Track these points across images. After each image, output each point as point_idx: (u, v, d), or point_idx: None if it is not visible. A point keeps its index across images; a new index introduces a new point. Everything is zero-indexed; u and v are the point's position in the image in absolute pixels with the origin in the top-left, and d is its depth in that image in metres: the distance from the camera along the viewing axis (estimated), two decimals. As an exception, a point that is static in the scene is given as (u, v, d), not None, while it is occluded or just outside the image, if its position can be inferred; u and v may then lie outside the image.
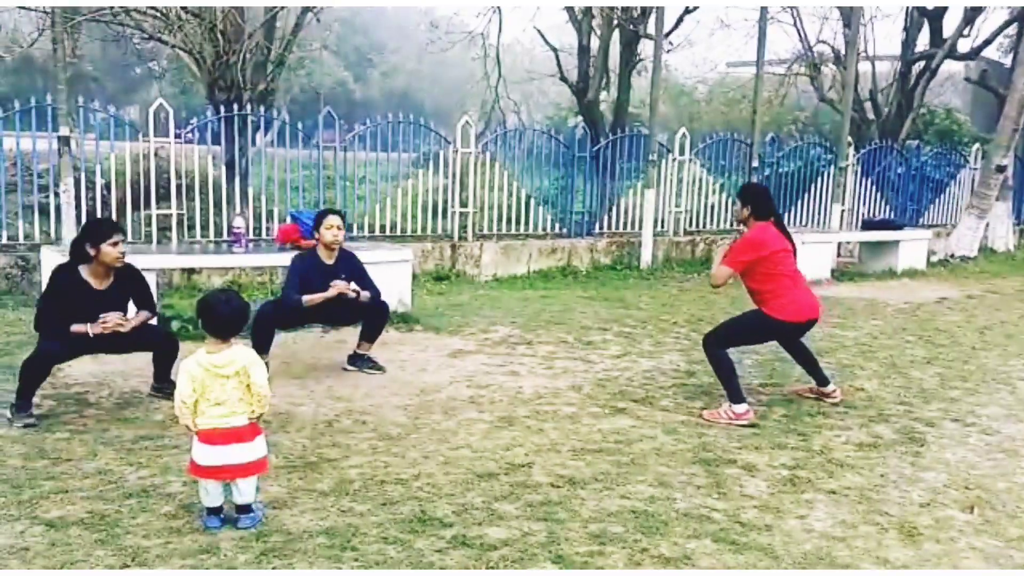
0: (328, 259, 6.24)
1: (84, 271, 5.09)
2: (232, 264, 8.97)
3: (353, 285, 6.09)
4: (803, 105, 23.18)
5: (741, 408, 5.24)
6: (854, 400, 5.95)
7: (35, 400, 5.04)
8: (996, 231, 16.34)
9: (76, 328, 4.96)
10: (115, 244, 5.04)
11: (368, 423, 5.13)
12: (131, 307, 5.42)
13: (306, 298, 5.98)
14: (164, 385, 5.43)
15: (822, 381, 5.79)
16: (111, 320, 5.03)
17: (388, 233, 11.20)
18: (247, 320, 3.83)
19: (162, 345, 5.45)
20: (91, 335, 4.97)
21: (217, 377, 3.61)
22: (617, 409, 5.58)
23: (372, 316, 6.32)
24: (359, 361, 6.42)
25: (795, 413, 5.57)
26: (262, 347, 5.93)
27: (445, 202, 11.70)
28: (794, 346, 5.78)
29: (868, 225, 13.75)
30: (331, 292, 5.99)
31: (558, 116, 26.84)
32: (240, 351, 3.71)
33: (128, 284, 5.29)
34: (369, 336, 6.39)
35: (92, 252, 5.02)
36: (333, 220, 6.18)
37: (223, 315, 3.70)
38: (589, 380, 6.29)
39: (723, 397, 5.41)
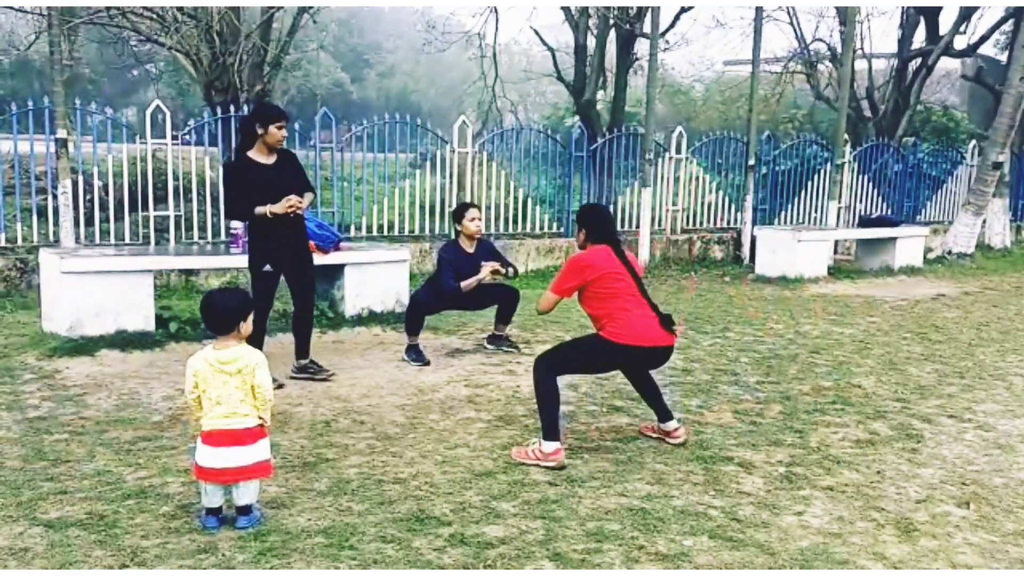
0: (470, 248, 6.91)
1: (251, 152, 5.68)
2: (230, 265, 8.97)
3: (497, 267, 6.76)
4: (800, 103, 23.23)
5: (551, 447, 4.49)
6: (851, 397, 5.96)
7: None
8: (993, 228, 16.37)
9: (259, 209, 5.58)
10: (280, 127, 5.61)
11: (366, 423, 5.14)
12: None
13: (464, 284, 6.63)
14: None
15: (663, 416, 4.95)
16: (294, 199, 5.62)
17: (386, 233, 11.22)
18: (245, 314, 3.78)
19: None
20: (269, 215, 5.57)
21: (220, 374, 3.61)
22: (614, 407, 5.59)
23: (507, 300, 7.05)
24: (499, 341, 7.15)
25: (792, 410, 5.59)
26: (413, 331, 6.72)
27: (442, 202, 11.70)
28: (641, 378, 5.02)
29: (865, 222, 13.76)
30: (483, 273, 6.65)
31: (555, 116, 26.90)
32: (247, 350, 3.70)
33: (288, 162, 5.82)
34: (504, 318, 7.12)
35: (260, 131, 5.59)
36: (474, 212, 6.96)
37: (215, 308, 3.70)
38: (586, 378, 6.30)
39: (723, 399, 5.41)
